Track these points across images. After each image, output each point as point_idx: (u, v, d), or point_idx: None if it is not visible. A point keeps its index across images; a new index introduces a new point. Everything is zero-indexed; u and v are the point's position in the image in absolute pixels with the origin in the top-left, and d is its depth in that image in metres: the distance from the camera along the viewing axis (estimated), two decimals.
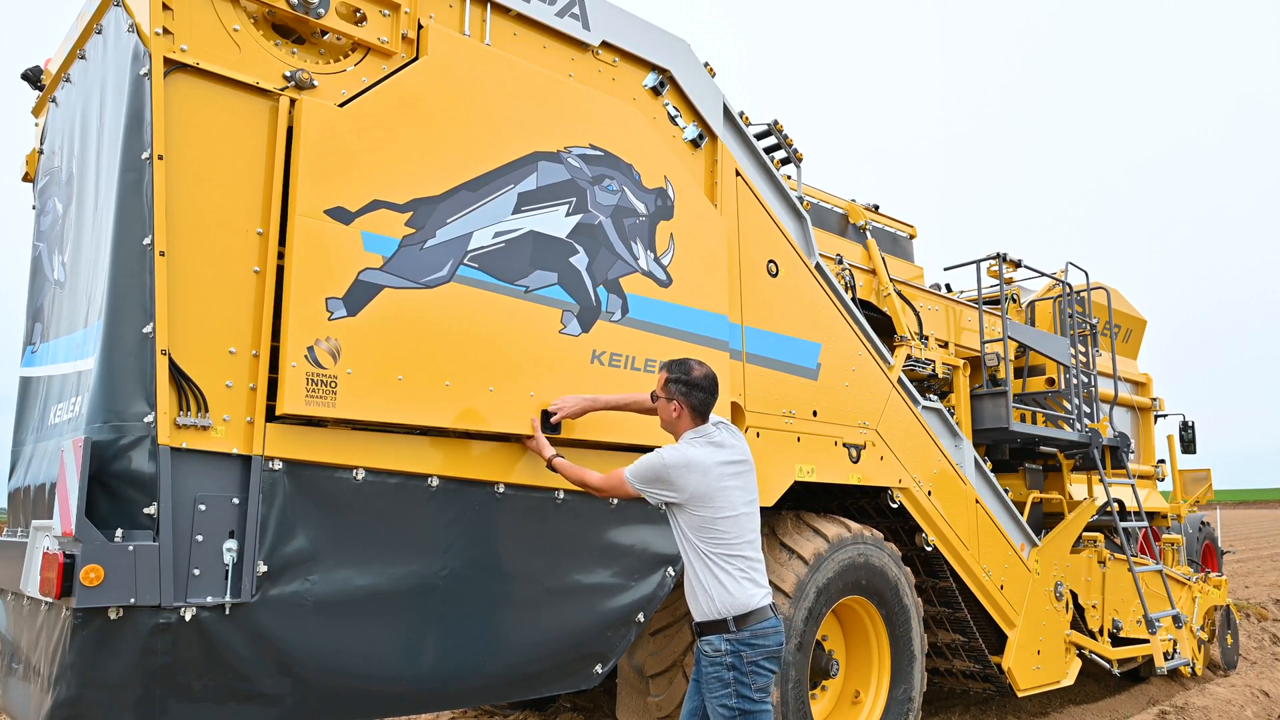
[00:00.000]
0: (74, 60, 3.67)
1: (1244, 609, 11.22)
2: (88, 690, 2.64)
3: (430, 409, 3.24)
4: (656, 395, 3.39)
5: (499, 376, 3.44)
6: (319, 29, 3.25)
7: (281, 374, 2.94)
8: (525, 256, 3.55)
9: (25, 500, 3.54)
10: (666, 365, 3.39)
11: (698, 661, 3.26)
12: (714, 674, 3.14)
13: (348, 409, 3.03)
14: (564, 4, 3.90)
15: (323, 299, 3.01)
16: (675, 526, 3.29)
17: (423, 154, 3.32)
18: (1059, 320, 7.41)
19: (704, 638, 3.18)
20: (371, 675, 3.15)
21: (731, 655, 3.11)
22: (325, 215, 3.06)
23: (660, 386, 3.36)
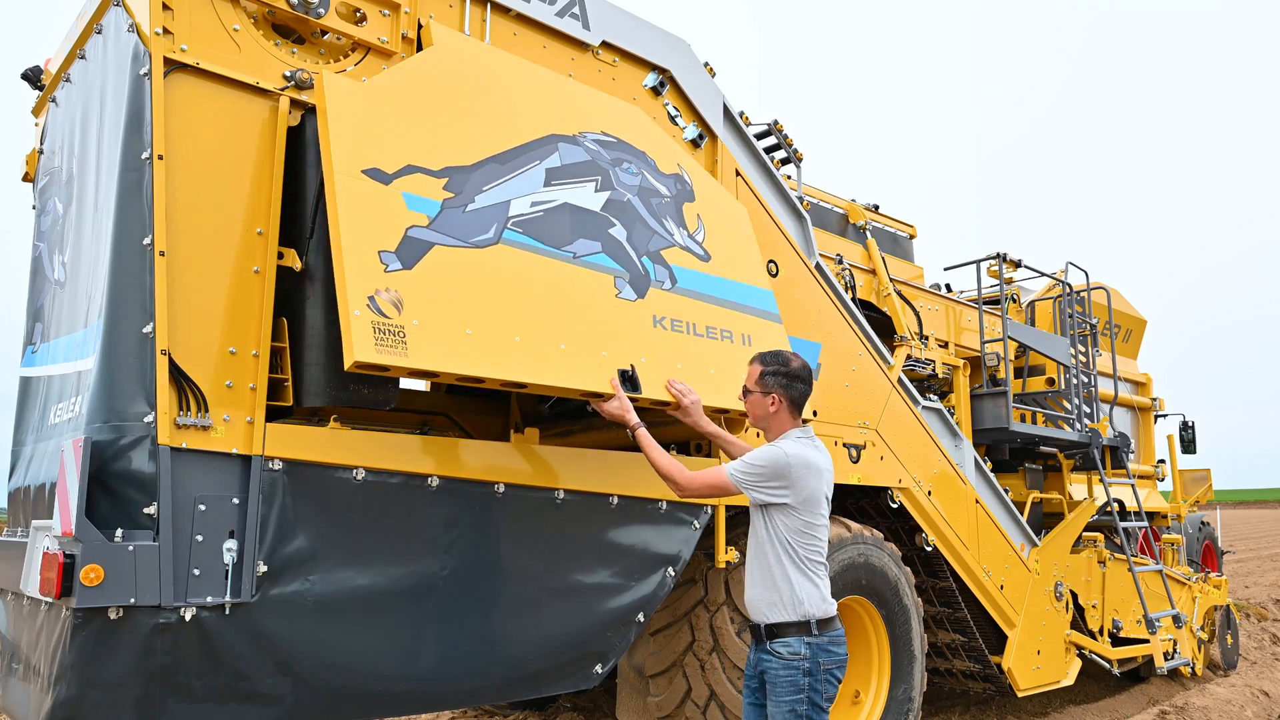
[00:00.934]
0: (74, 60, 3.67)
1: (1244, 609, 11.22)
2: (88, 690, 2.64)
3: (504, 364, 3.08)
4: (748, 390, 3.25)
5: (569, 335, 3.30)
6: (319, 29, 3.25)
7: (345, 324, 2.75)
8: (565, 225, 3.46)
9: (25, 500, 3.54)
10: (760, 358, 3.26)
11: (760, 666, 3.12)
12: (788, 677, 3.03)
13: (420, 359, 2.85)
14: (564, 4, 3.90)
15: (375, 251, 2.90)
16: (765, 527, 3.14)
17: (446, 128, 3.29)
18: (1059, 320, 7.41)
19: (780, 639, 3.06)
20: (371, 675, 3.14)
21: (810, 660, 3.03)
22: (363, 175, 2.98)
23: (754, 380, 3.22)
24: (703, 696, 4.41)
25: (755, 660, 3.17)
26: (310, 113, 3.18)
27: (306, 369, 3.10)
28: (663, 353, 3.60)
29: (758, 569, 3.18)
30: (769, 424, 3.24)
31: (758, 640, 3.15)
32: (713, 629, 4.45)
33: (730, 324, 3.89)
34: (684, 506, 4.12)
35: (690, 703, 4.46)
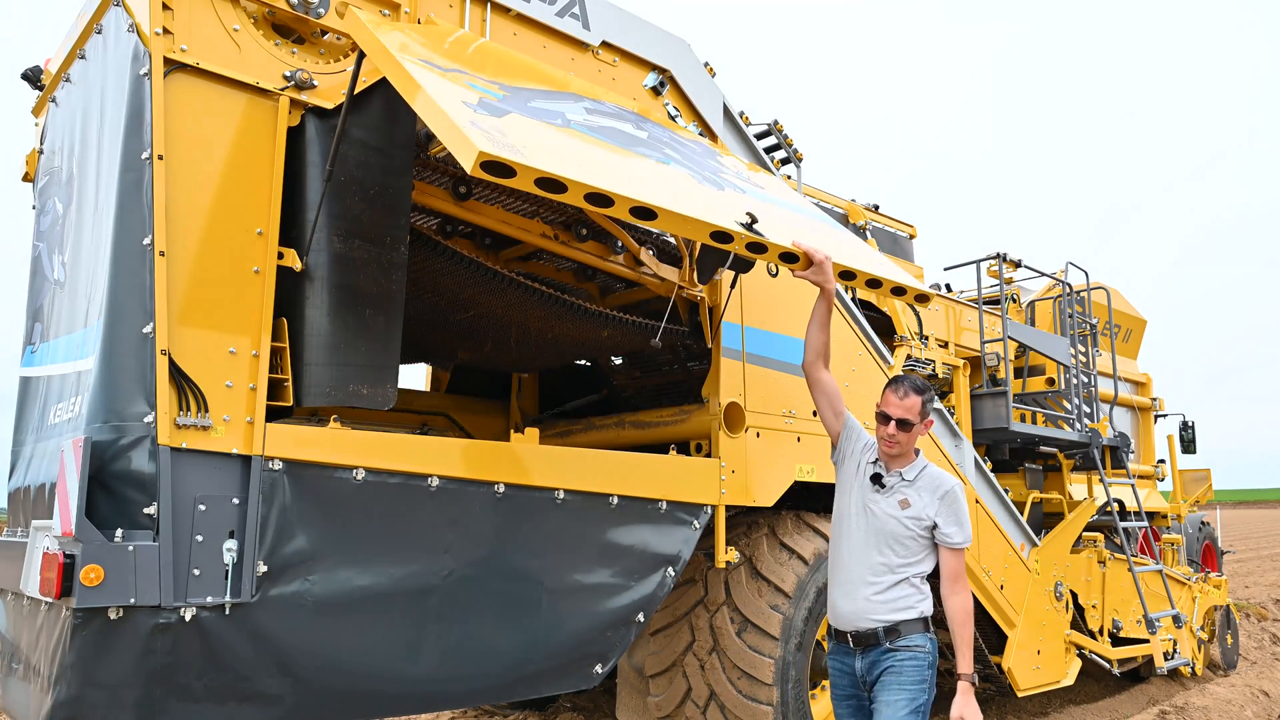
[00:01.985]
0: (74, 60, 3.67)
1: (1244, 609, 11.22)
2: (88, 690, 2.64)
3: (628, 190, 2.80)
4: (908, 422, 3.24)
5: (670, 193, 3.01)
6: (319, 29, 3.25)
7: (451, 132, 2.56)
8: (624, 138, 3.34)
9: (25, 500, 3.54)
10: (912, 385, 3.27)
11: (880, 665, 3.18)
12: (915, 667, 3.15)
13: (543, 163, 2.56)
14: (564, 4, 3.90)
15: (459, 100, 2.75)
16: (913, 549, 3.22)
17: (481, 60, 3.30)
18: (1059, 320, 7.41)
19: (909, 637, 3.17)
20: (371, 675, 3.14)
21: (931, 654, 3.19)
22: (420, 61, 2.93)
23: (916, 411, 3.24)
24: (703, 696, 4.41)
25: (866, 665, 3.20)
26: (310, 112, 3.18)
27: (306, 369, 3.10)
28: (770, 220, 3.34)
29: (874, 574, 3.21)
30: (906, 446, 3.28)
31: (868, 644, 3.19)
32: (713, 629, 4.45)
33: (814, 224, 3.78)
34: (684, 506, 4.12)
35: (690, 703, 4.46)
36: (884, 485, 3.28)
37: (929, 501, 3.21)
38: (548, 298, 4.01)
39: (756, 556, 4.55)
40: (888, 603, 3.18)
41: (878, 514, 3.25)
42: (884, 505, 3.26)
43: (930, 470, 3.29)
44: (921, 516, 3.20)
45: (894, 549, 3.20)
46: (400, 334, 3.32)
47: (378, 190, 3.27)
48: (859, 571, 3.23)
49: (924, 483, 3.25)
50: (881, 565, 3.20)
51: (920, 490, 3.23)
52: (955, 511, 3.20)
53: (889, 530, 3.22)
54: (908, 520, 3.20)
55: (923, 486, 3.24)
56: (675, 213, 2.84)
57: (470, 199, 3.85)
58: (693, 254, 4.42)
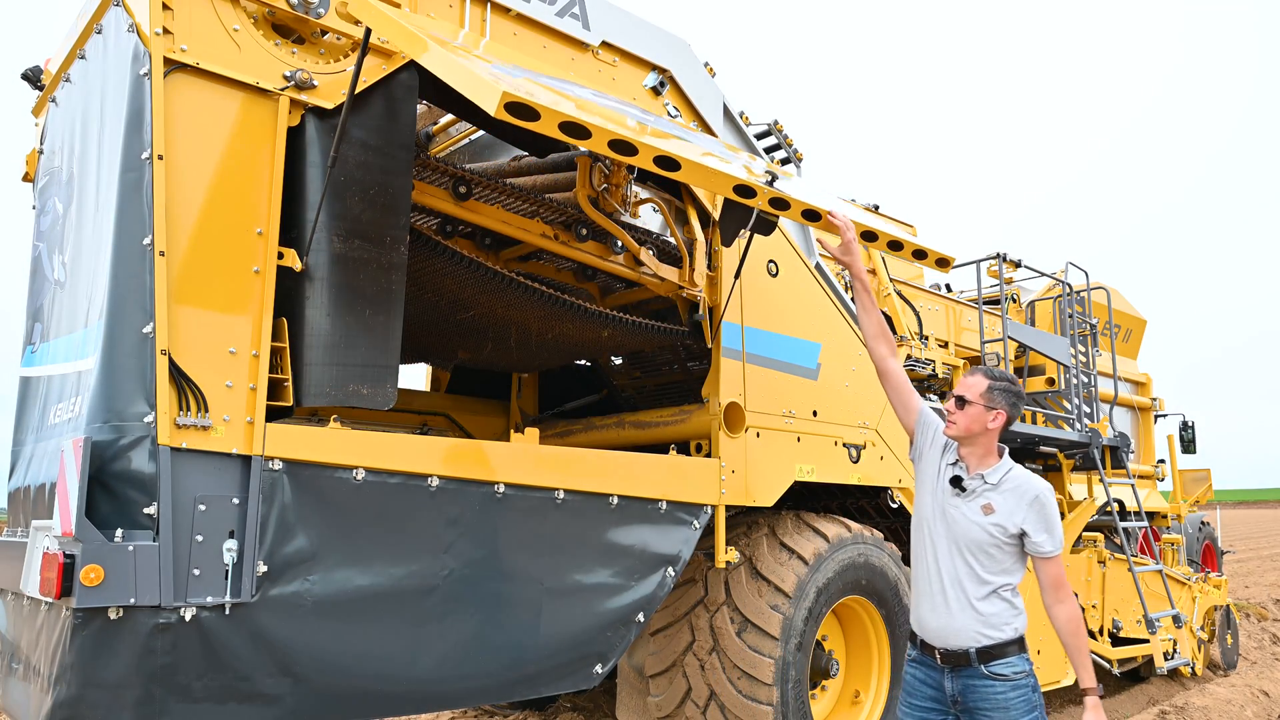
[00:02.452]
0: (74, 60, 3.67)
1: (1244, 609, 11.22)
2: (88, 690, 2.64)
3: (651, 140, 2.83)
4: (965, 400, 3.08)
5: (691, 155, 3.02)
6: (319, 29, 3.25)
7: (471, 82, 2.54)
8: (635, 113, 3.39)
9: (25, 500, 3.54)
10: (986, 371, 3.12)
11: (973, 694, 2.97)
12: (1021, 698, 2.94)
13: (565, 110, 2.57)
14: (564, 4, 3.90)
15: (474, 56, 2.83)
16: (1001, 557, 3.00)
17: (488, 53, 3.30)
18: (1059, 320, 7.41)
19: (1005, 660, 2.95)
20: (371, 675, 3.14)
21: (1032, 676, 2.98)
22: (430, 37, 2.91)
23: (979, 393, 3.07)
24: (703, 696, 4.41)
25: (960, 688, 2.99)
26: (310, 112, 3.18)
27: (306, 369, 3.10)
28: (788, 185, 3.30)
29: (960, 587, 3.02)
30: (979, 440, 3.09)
31: (959, 664, 2.99)
32: (713, 629, 4.45)
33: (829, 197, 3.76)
34: (684, 506, 4.12)
35: (690, 703, 4.46)
36: (964, 489, 3.07)
37: (1015, 507, 2.98)
38: (548, 298, 4.01)
39: (756, 556, 4.55)
40: (980, 619, 2.97)
41: (959, 520, 3.05)
42: (965, 511, 3.05)
43: (1016, 473, 3.06)
44: (1006, 524, 2.97)
45: (979, 559, 2.99)
46: (400, 334, 3.32)
47: (378, 190, 3.27)
48: (945, 583, 3.03)
49: (1009, 486, 3.02)
50: (969, 576, 2.99)
51: (1005, 494, 3.01)
52: (1045, 518, 2.97)
53: (972, 538, 3.00)
54: (992, 527, 2.98)
55: (1008, 491, 3.02)
56: (698, 163, 2.84)
57: (470, 199, 3.85)
58: (693, 254, 4.42)
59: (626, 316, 4.39)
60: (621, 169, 4.06)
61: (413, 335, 4.62)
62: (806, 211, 3.21)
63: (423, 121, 4.87)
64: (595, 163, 4.03)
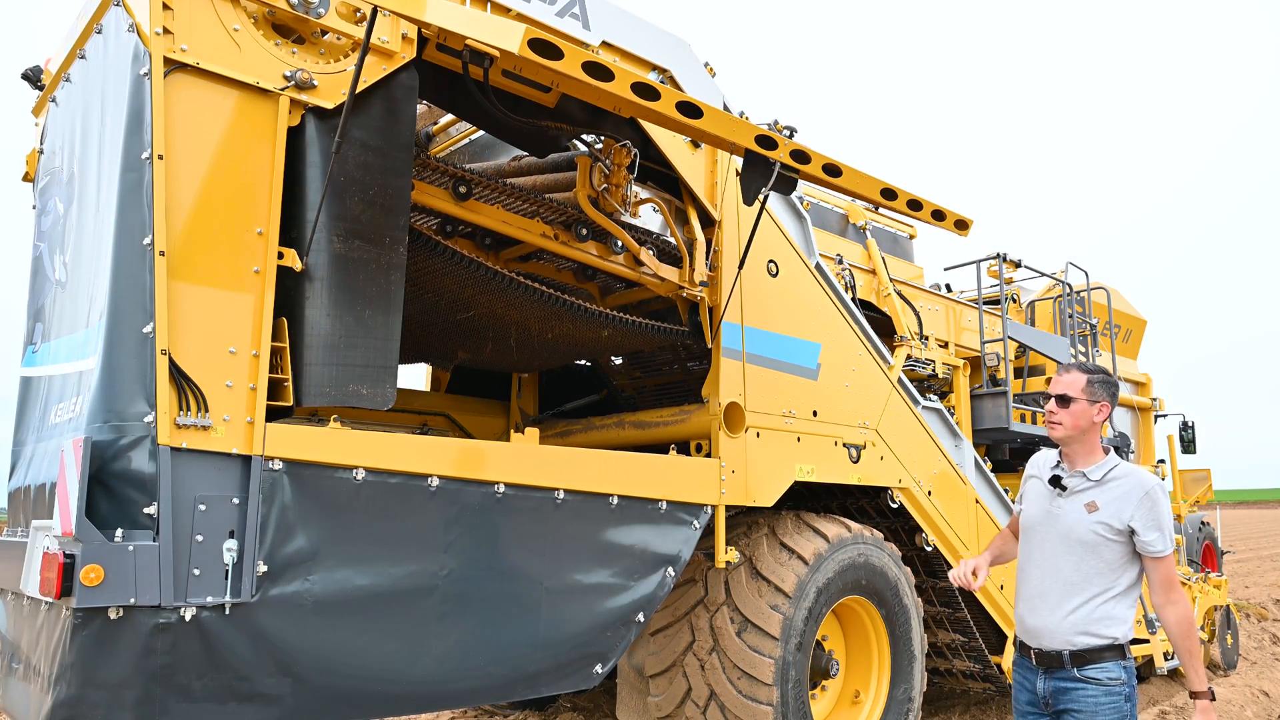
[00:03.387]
0: (74, 60, 3.67)
1: (1244, 609, 11.21)
2: (88, 690, 2.64)
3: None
4: (1069, 398, 3.00)
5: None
6: (319, 29, 3.25)
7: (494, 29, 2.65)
8: None
9: (25, 500, 3.54)
10: (1079, 366, 3.08)
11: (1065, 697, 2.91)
12: (1112, 705, 2.85)
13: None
14: (564, 4, 3.89)
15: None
16: (1110, 556, 2.90)
17: None
18: (1059, 320, 7.41)
19: (1100, 665, 2.86)
20: (371, 675, 3.14)
21: (1129, 685, 2.89)
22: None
23: (1080, 388, 2.99)
24: (703, 696, 4.41)
25: (1050, 689, 2.94)
26: (310, 112, 3.18)
27: (306, 369, 3.10)
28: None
29: (1064, 588, 2.94)
30: (1086, 437, 3.01)
31: (1052, 666, 2.94)
32: (713, 629, 4.45)
33: None
34: (684, 506, 4.12)
35: (690, 703, 4.46)
36: (1064, 487, 3.01)
37: (1123, 504, 2.88)
38: (548, 298, 4.02)
39: (756, 556, 4.55)
40: (1080, 622, 2.89)
41: (1062, 519, 2.98)
42: (1068, 509, 2.97)
43: (1123, 468, 2.96)
44: (1112, 521, 2.88)
45: (1084, 559, 2.91)
46: (399, 334, 3.32)
47: (378, 190, 3.28)
48: (1048, 584, 2.97)
49: (1115, 483, 2.93)
50: (1075, 576, 2.91)
51: (1110, 491, 2.92)
52: (1155, 514, 2.85)
53: (1077, 537, 2.92)
54: (1097, 525, 2.89)
55: (1114, 487, 2.92)
56: (720, 112, 2.91)
57: (470, 199, 3.85)
58: (693, 254, 4.42)
59: (626, 316, 4.39)
60: (622, 169, 4.05)
61: (413, 335, 4.62)
62: (828, 167, 3.20)
63: (423, 121, 4.88)
64: (595, 162, 4.03)
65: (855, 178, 3.58)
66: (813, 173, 3.32)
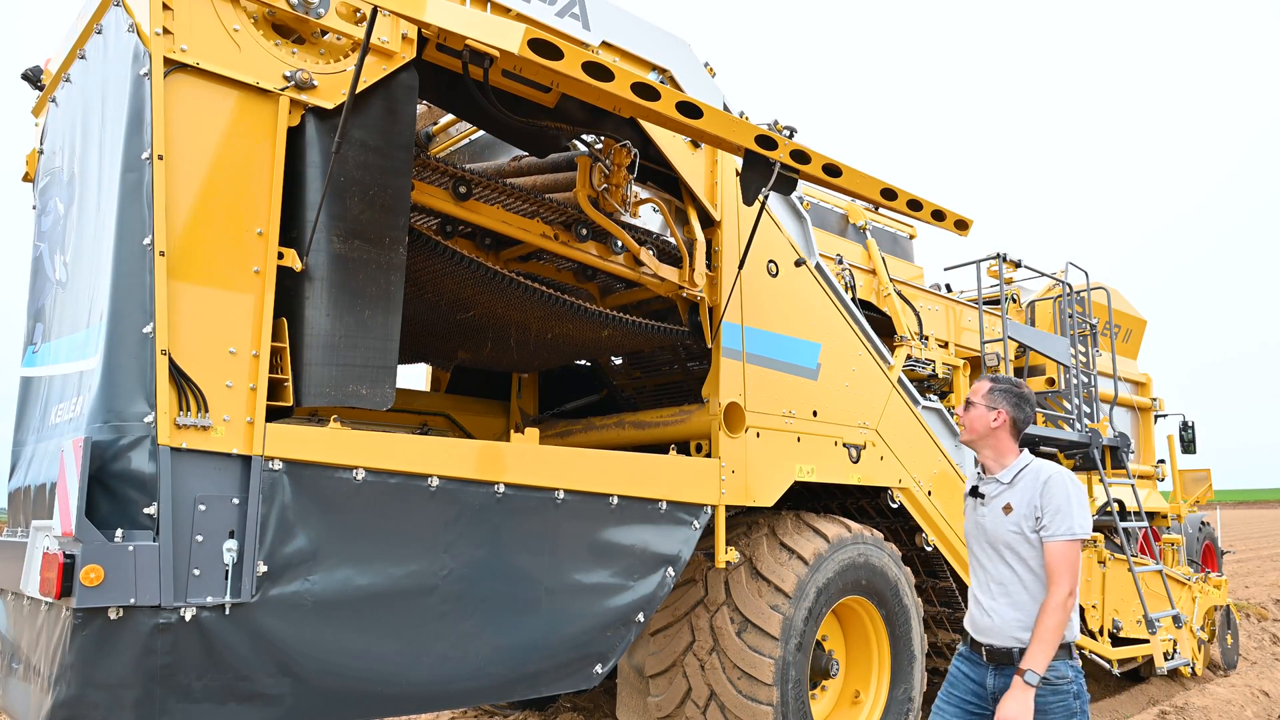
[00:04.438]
0: (74, 60, 3.67)
1: (1244, 609, 11.21)
2: (88, 690, 2.64)
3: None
4: (971, 402, 3.18)
5: None
6: (319, 29, 3.25)
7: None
8: None
9: (25, 500, 3.54)
10: (991, 377, 3.22)
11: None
12: (1060, 703, 2.90)
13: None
14: (564, 4, 3.89)
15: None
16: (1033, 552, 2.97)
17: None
18: (1059, 320, 7.41)
19: (1050, 665, 2.89)
20: (371, 675, 3.15)
21: (1076, 683, 2.93)
22: None
23: (981, 394, 3.16)
24: (703, 696, 4.41)
25: (1000, 685, 2.98)
26: (310, 112, 3.18)
27: (306, 369, 3.10)
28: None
29: (1008, 593, 3.02)
30: (988, 440, 3.13)
31: (1002, 662, 3.00)
32: (713, 629, 4.45)
33: None
34: (684, 506, 4.12)
35: (690, 703, 4.46)
36: (983, 495, 3.14)
37: (1029, 497, 2.98)
38: (548, 298, 4.02)
39: (756, 556, 4.55)
40: (1021, 621, 2.97)
41: (986, 526, 3.10)
42: (989, 515, 3.10)
43: (1031, 466, 3.06)
44: (1026, 517, 2.97)
45: (1013, 561, 3.01)
46: (399, 335, 3.32)
47: (377, 191, 3.28)
48: (989, 586, 3.08)
49: (1025, 480, 3.03)
50: (1008, 580, 3.01)
51: (1021, 490, 3.03)
52: (1050, 497, 2.93)
53: (1001, 540, 3.03)
54: (1013, 526, 3.00)
55: (1024, 485, 3.03)
56: (720, 112, 2.95)
57: (470, 199, 3.85)
58: (693, 254, 4.42)
59: (626, 316, 4.39)
60: (621, 169, 4.05)
61: (413, 335, 4.62)
62: (828, 167, 3.23)
63: (423, 121, 4.88)
64: (595, 163, 4.03)
65: (855, 178, 3.59)
66: (813, 173, 3.35)
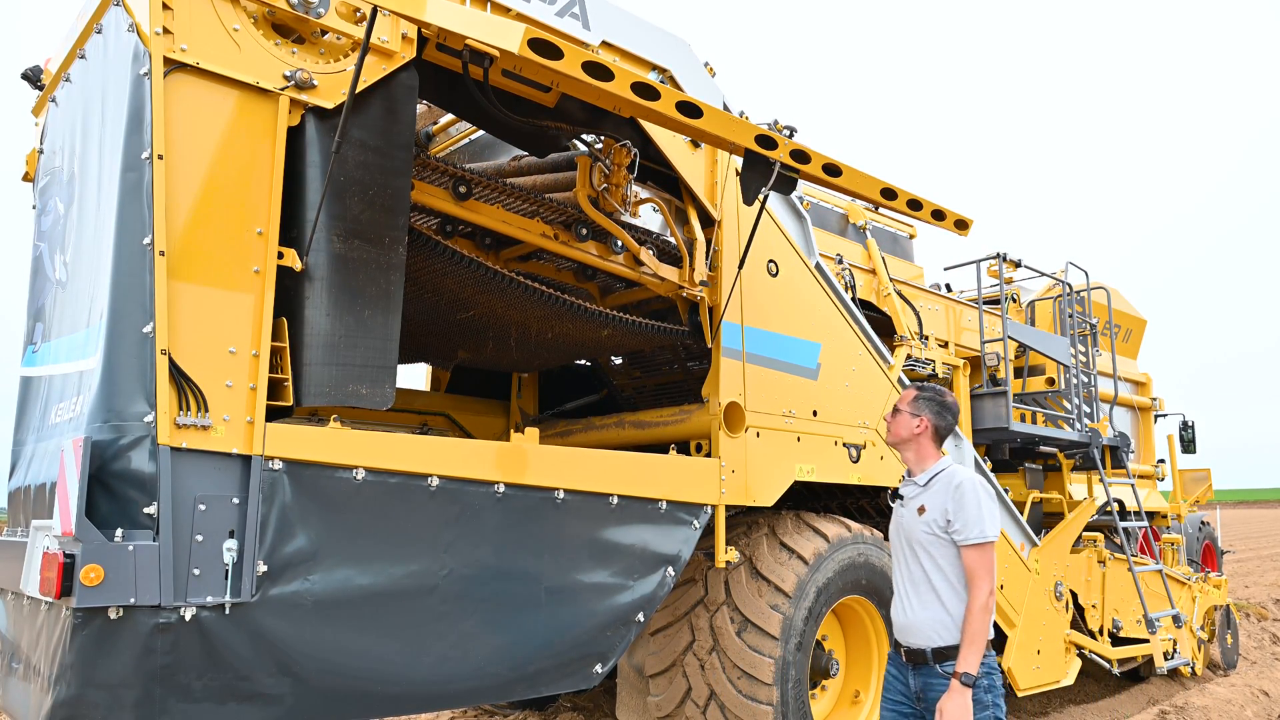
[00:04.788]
0: (74, 60, 3.67)
1: (1244, 609, 11.22)
2: (88, 690, 2.64)
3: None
4: (897, 409, 3.34)
5: None
6: (319, 29, 3.25)
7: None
8: None
9: (25, 500, 3.54)
10: (917, 385, 3.38)
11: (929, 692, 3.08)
12: (977, 706, 3.00)
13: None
14: (564, 4, 3.89)
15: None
16: (943, 554, 3.10)
17: None
18: (1059, 320, 7.41)
19: (953, 661, 3.03)
20: (371, 675, 3.15)
21: (987, 678, 3.04)
22: None
23: (906, 401, 3.32)
24: (703, 696, 4.41)
25: (920, 685, 3.11)
26: (310, 112, 3.18)
27: (306, 369, 3.10)
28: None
29: (919, 593, 3.14)
30: (911, 445, 3.29)
31: (918, 662, 3.12)
32: (713, 629, 4.45)
33: None
34: (684, 506, 4.12)
35: (690, 703, 4.46)
36: (903, 497, 3.28)
37: (941, 500, 3.13)
38: (548, 297, 4.02)
39: (756, 556, 4.56)
40: (933, 620, 3.09)
41: (903, 525, 3.24)
42: (906, 515, 3.23)
43: (946, 471, 3.21)
44: (937, 519, 3.12)
45: (925, 559, 3.13)
46: (398, 335, 3.32)
47: (377, 191, 3.28)
48: (905, 587, 3.20)
49: (939, 483, 3.18)
50: (923, 578, 3.13)
51: (934, 493, 3.17)
52: (961, 503, 3.07)
53: (915, 539, 3.17)
54: (925, 526, 3.14)
55: (936, 489, 3.17)
56: (720, 112, 2.97)
57: (470, 199, 3.85)
58: (693, 254, 4.42)
59: (626, 316, 4.39)
60: (621, 169, 4.05)
61: (413, 335, 4.62)
62: (828, 166, 3.24)
63: (423, 121, 4.88)
64: (595, 162, 4.03)
65: (855, 178, 3.59)
66: (813, 173, 3.36)
